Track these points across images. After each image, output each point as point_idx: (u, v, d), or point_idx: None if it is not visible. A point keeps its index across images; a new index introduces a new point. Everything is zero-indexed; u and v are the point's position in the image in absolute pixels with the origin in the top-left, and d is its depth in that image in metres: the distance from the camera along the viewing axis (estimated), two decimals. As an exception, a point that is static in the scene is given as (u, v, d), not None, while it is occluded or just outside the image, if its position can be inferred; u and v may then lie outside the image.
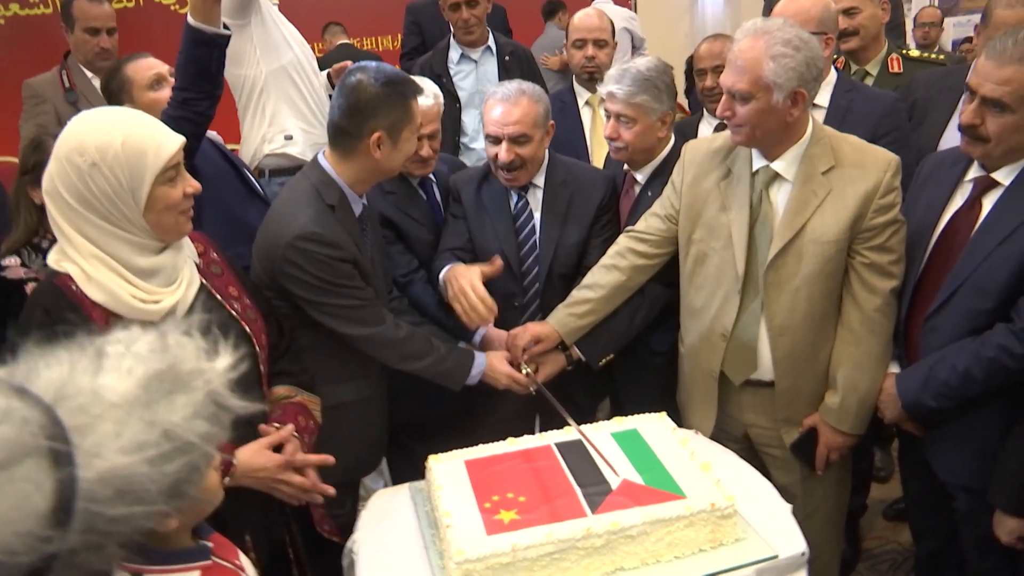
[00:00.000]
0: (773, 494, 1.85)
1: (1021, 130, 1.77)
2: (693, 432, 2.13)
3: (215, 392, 0.86)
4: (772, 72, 1.85)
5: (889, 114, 2.45)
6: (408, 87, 2.01)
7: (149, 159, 1.47)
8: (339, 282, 1.96)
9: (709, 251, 2.09)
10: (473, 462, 1.87)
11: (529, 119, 2.26)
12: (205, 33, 2.22)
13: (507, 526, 1.61)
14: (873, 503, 3.04)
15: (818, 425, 2.06)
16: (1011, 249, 1.78)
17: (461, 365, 2.17)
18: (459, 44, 3.48)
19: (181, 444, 0.81)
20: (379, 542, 1.78)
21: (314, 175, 2.05)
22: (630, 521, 1.59)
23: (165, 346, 0.86)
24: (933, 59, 3.07)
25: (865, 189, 1.91)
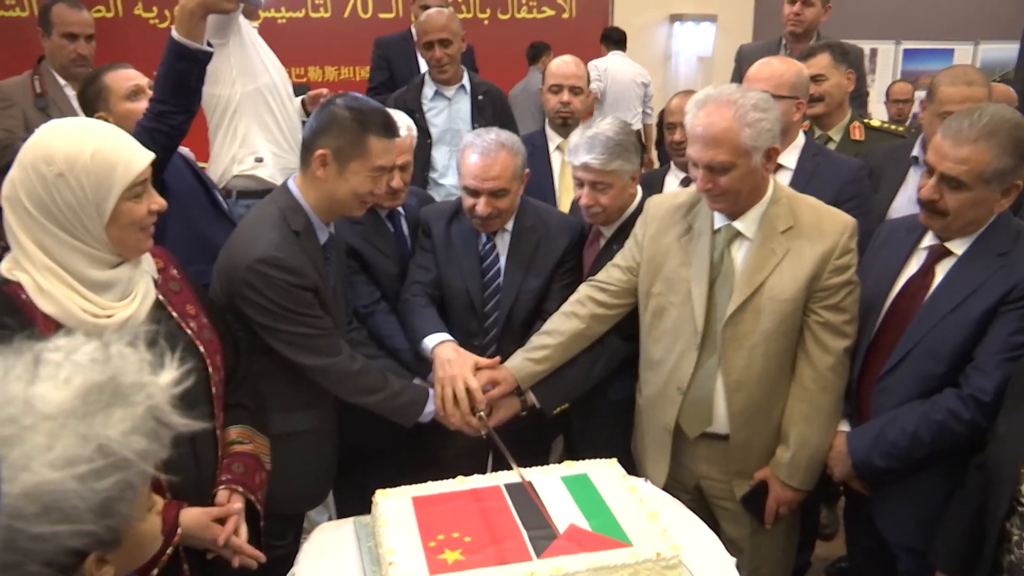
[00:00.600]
0: (718, 546, 1.85)
1: (977, 206, 1.85)
2: (643, 480, 2.12)
3: (156, 407, 0.83)
4: (751, 138, 1.89)
5: (853, 180, 2.52)
6: (371, 120, 1.98)
7: (118, 173, 1.45)
8: (297, 310, 1.94)
9: (667, 305, 2.11)
10: (421, 499, 1.84)
11: (508, 173, 2.27)
12: (188, 48, 2.23)
13: (451, 566, 1.59)
14: (817, 560, 3.05)
15: (768, 479, 2.08)
16: (962, 317, 1.85)
17: (414, 403, 2.16)
18: (434, 81, 3.52)
19: (116, 460, 0.77)
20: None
21: (282, 200, 2.04)
22: (575, 567, 1.57)
23: (107, 356, 0.82)
24: (893, 130, 3.18)
25: (822, 250, 1.96)
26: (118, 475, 0.78)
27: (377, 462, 2.35)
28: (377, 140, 1.98)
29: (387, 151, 2.02)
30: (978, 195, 1.83)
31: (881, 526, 2.04)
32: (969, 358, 1.85)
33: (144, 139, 2.24)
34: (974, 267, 1.87)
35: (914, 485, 1.94)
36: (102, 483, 0.76)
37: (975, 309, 1.84)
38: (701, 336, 2.04)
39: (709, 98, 1.93)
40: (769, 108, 1.92)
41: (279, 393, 1.98)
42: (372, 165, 1.99)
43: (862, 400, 2.04)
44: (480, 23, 7.55)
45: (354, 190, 2.00)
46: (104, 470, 0.76)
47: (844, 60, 3.07)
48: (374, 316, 2.36)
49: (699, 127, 1.92)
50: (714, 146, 1.90)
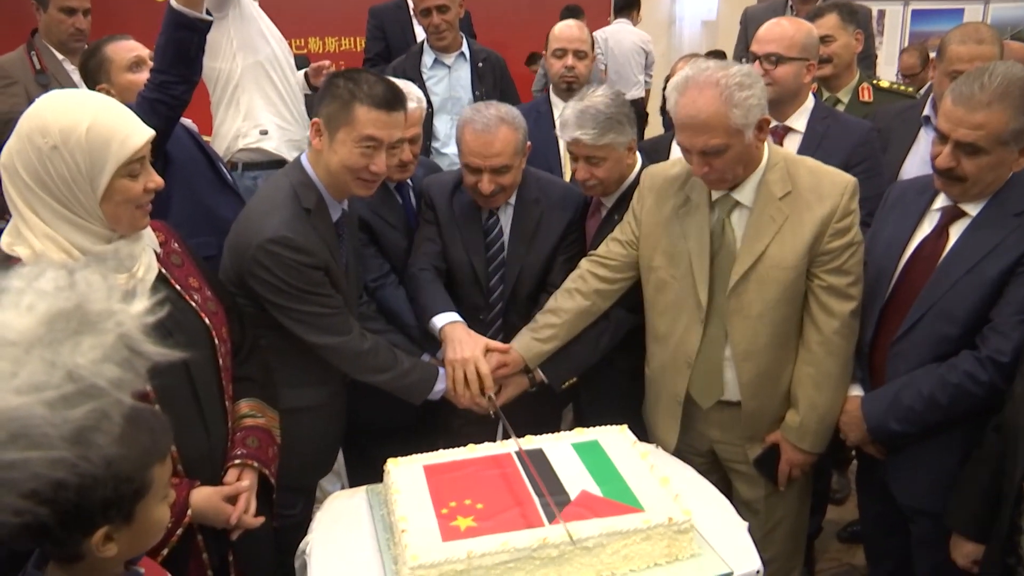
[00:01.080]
0: (730, 511, 1.86)
1: (996, 167, 1.81)
2: (653, 446, 2.13)
3: (127, 335, 0.80)
4: (741, 117, 1.84)
5: (864, 143, 2.49)
6: (362, 90, 1.92)
7: (113, 149, 1.42)
8: (307, 288, 1.93)
9: (669, 279, 2.09)
10: (432, 467, 1.85)
11: (510, 149, 2.22)
12: (187, 16, 2.20)
13: (463, 533, 1.59)
14: (828, 525, 3.06)
15: (780, 442, 2.07)
16: (978, 278, 1.82)
17: (424, 380, 2.15)
18: (432, 49, 3.47)
19: (86, 388, 0.75)
20: (333, 545, 1.75)
21: (294, 175, 2.01)
22: (587, 532, 1.58)
23: (72, 284, 0.80)
24: (902, 90, 3.14)
25: (822, 214, 1.93)
26: (91, 403, 0.76)
27: (387, 432, 2.35)
28: (365, 109, 1.92)
29: (376, 122, 1.93)
30: (996, 157, 1.79)
31: (896, 490, 2.03)
32: (985, 320, 1.83)
33: (146, 109, 2.24)
34: (989, 228, 1.84)
35: (929, 449, 1.93)
36: (74, 411, 0.74)
37: (991, 270, 1.81)
38: (706, 309, 2.02)
39: (690, 80, 1.87)
40: (754, 82, 1.87)
41: (288, 368, 1.98)
42: (359, 134, 1.92)
43: (876, 363, 2.02)
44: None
45: (343, 162, 1.95)
46: (74, 397, 0.74)
47: (852, 20, 3.02)
48: (383, 290, 2.34)
49: (685, 114, 1.87)
50: (705, 132, 1.85)
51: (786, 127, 2.58)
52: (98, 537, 1.04)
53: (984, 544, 1.76)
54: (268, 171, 3.02)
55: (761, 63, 2.52)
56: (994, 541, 1.71)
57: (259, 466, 1.72)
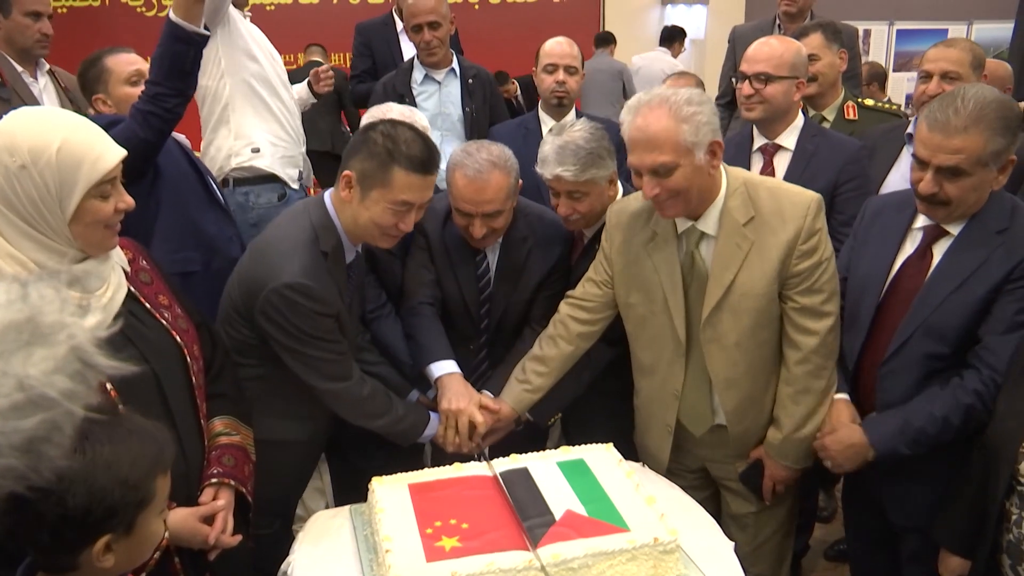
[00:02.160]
0: (716, 530, 1.85)
1: (978, 188, 1.82)
2: (640, 465, 2.12)
3: (80, 348, 0.80)
4: (690, 133, 1.82)
5: (853, 161, 2.51)
6: (401, 152, 1.88)
7: (84, 170, 1.38)
8: (318, 335, 1.91)
9: (647, 314, 2.08)
10: (417, 486, 1.83)
11: (502, 195, 2.15)
12: (184, 30, 2.21)
13: (448, 553, 1.58)
14: (815, 543, 3.06)
15: (763, 458, 2.07)
16: (965, 297, 1.83)
17: (415, 426, 2.14)
18: (423, 65, 3.48)
19: (37, 398, 0.76)
20: (315, 565, 1.73)
21: (316, 215, 1.97)
22: (572, 553, 1.56)
23: (24, 296, 0.80)
24: (887, 109, 3.16)
25: (786, 238, 1.90)
26: (41, 414, 0.76)
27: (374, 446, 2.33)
28: (404, 173, 1.88)
29: (413, 187, 1.90)
30: (977, 179, 1.80)
31: (889, 508, 2.04)
32: (975, 338, 1.83)
33: (139, 121, 2.25)
34: (973, 246, 1.85)
35: (921, 467, 1.93)
36: (25, 421, 0.74)
37: (979, 289, 1.82)
38: (685, 343, 2.02)
39: (641, 103, 1.87)
40: (703, 102, 1.86)
41: (278, 399, 1.96)
42: (394, 198, 1.89)
43: (864, 382, 2.02)
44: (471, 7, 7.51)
45: (374, 220, 1.92)
46: (25, 407, 0.75)
47: (836, 40, 3.05)
48: (379, 322, 2.32)
49: (636, 132, 1.86)
50: (654, 148, 1.84)
51: (776, 145, 2.60)
52: (99, 546, 1.05)
53: (971, 560, 1.75)
54: (259, 186, 3.02)
55: (751, 82, 2.54)
56: (979, 558, 1.71)
57: (236, 484, 1.70)
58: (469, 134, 3.48)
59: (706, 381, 2.05)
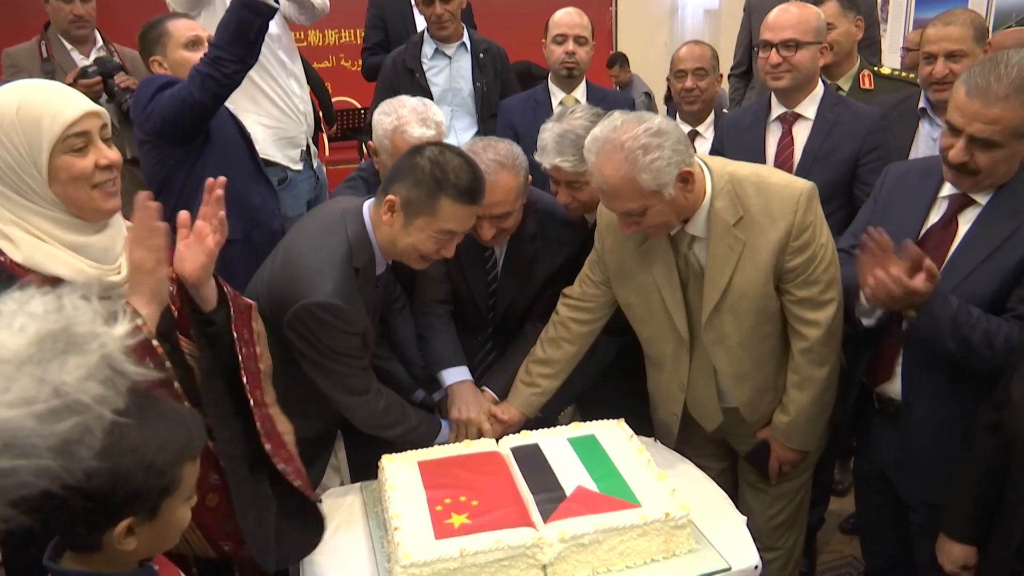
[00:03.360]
0: (728, 505, 1.84)
1: (1009, 160, 1.76)
2: (652, 440, 2.11)
3: (110, 356, 0.85)
4: (651, 181, 1.74)
5: (876, 130, 2.45)
6: (449, 182, 1.83)
7: (45, 124, 1.36)
8: (343, 352, 1.89)
9: (646, 314, 2.05)
10: (427, 463, 1.83)
11: (511, 196, 2.09)
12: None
13: (457, 530, 1.58)
14: (830, 516, 3.04)
15: (770, 439, 2.06)
16: (995, 266, 1.77)
17: (427, 435, 2.12)
18: (433, 39, 3.44)
19: (71, 403, 0.80)
20: (327, 542, 1.74)
21: (352, 228, 1.91)
22: (582, 529, 1.56)
23: (60, 307, 0.85)
24: (904, 77, 3.09)
25: (777, 236, 1.85)
26: (75, 418, 0.81)
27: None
28: (451, 203, 1.84)
29: (459, 216, 1.87)
30: (1010, 150, 1.73)
31: (897, 481, 2.01)
32: (1001, 308, 1.78)
33: (196, 82, 2.31)
34: (1002, 215, 1.79)
35: (930, 440, 1.90)
36: (60, 425, 0.79)
37: (1008, 259, 1.75)
38: (688, 341, 2.01)
39: (597, 143, 1.78)
40: (663, 141, 1.74)
41: (288, 397, 1.96)
42: (439, 227, 1.86)
43: (887, 350, 1.97)
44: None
45: (416, 246, 1.89)
46: (61, 411, 0.80)
47: (852, 7, 2.98)
48: (392, 315, 2.31)
49: (597, 179, 1.80)
50: (618, 197, 1.79)
51: (796, 114, 2.55)
52: (120, 529, 1.06)
53: (974, 546, 1.71)
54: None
55: (778, 50, 2.49)
56: (1000, 549, 1.66)
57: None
58: (480, 109, 3.45)
59: (711, 376, 2.04)
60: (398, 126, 2.25)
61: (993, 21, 5.97)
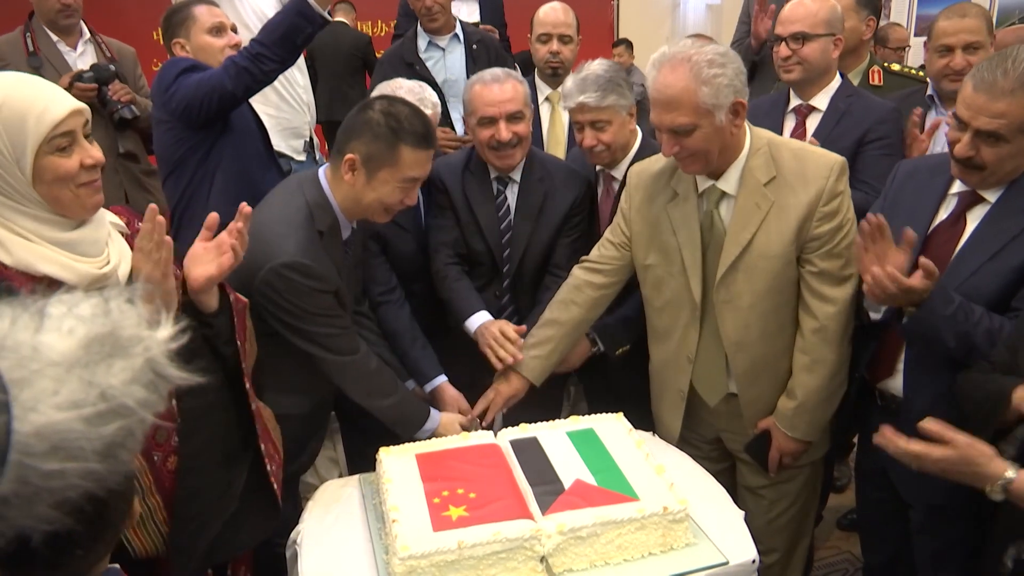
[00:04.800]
0: (727, 500, 1.83)
1: (1016, 156, 1.75)
2: (650, 434, 2.11)
3: (154, 360, 0.85)
4: (710, 96, 1.79)
5: (883, 121, 2.44)
6: (405, 129, 1.90)
7: (30, 125, 1.32)
8: (319, 312, 1.90)
9: (665, 275, 2.06)
10: (424, 456, 1.83)
11: (521, 96, 2.30)
12: (312, 8, 2.27)
13: (455, 523, 1.57)
14: (828, 513, 3.05)
15: (771, 429, 2.05)
16: (1001, 265, 1.76)
17: (418, 414, 2.11)
18: (425, 32, 3.42)
19: (117, 406, 0.81)
20: (324, 534, 1.74)
21: (311, 193, 1.96)
22: (580, 522, 1.56)
23: (107, 311, 0.85)
24: (913, 74, 3.08)
25: (807, 199, 1.88)
26: (120, 421, 0.81)
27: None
28: (410, 151, 1.91)
29: (419, 163, 1.94)
30: (1016, 146, 1.73)
31: (896, 479, 2.00)
32: (1007, 307, 1.77)
33: (231, 73, 2.34)
34: (1011, 214, 1.78)
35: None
36: (106, 428, 0.80)
37: (1014, 258, 1.75)
38: (700, 304, 2.00)
39: (664, 57, 1.84)
40: (727, 62, 1.82)
41: (276, 374, 1.95)
42: (403, 176, 1.92)
43: (890, 344, 1.96)
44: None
45: (381, 199, 1.94)
46: (107, 415, 0.80)
47: (868, 6, 2.96)
48: (387, 307, 2.33)
49: (656, 91, 1.85)
50: (673, 109, 1.82)
51: (810, 106, 2.55)
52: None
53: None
54: None
55: (787, 43, 2.49)
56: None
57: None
58: None
59: (720, 346, 2.02)
60: None
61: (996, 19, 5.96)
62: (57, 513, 0.78)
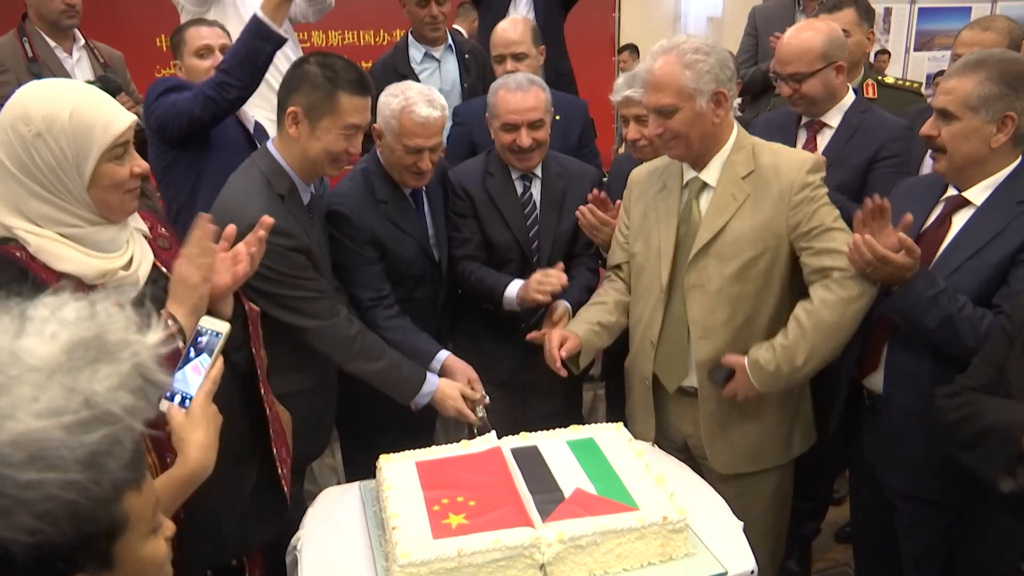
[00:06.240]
0: (725, 511, 1.83)
1: (970, 137, 1.85)
2: (649, 444, 2.12)
3: (142, 365, 0.83)
4: (691, 79, 1.93)
5: (896, 139, 2.46)
6: (342, 78, 1.97)
7: (97, 134, 1.41)
8: (292, 273, 1.94)
9: (644, 262, 2.17)
10: (424, 463, 1.83)
11: (542, 105, 2.42)
12: (268, 27, 2.34)
13: (454, 530, 1.58)
14: (826, 526, 3.04)
15: (738, 369, 2.01)
16: (981, 263, 1.83)
17: (413, 379, 2.15)
18: (421, 43, 3.42)
19: (101, 414, 0.78)
20: (324, 541, 1.74)
21: (264, 163, 2.04)
22: (580, 531, 1.56)
23: (93, 314, 0.83)
24: (907, 87, 3.11)
25: (779, 189, 1.97)
26: (105, 429, 0.78)
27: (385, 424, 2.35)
28: (348, 97, 1.99)
29: (358, 109, 2.01)
30: (967, 125, 1.84)
31: (881, 475, 2.05)
32: (988, 305, 1.82)
33: (199, 101, 2.40)
34: (993, 215, 1.86)
35: (913, 432, 1.93)
36: (89, 436, 0.77)
37: (993, 256, 1.82)
38: (666, 286, 2.08)
39: (659, 48, 2.00)
40: (711, 52, 1.96)
41: (275, 355, 1.96)
42: (344, 123, 1.99)
43: (875, 342, 2.01)
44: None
45: (326, 148, 2.01)
46: (90, 423, 0.77)
47: (868, 19, 3.01)
48: (375, 311, 2.33)
49: (647, 74, 2.01)
50: (658, 90, 1.97)
51: (821, 123, 2.58)
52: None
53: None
54: None
55: (787, 83, 2.52)
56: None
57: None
58: None
59: (682, 329, 2.08)
60: (406, 106, 2.28)
61: None
62: (39, 523, 0.75)
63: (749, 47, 3.98)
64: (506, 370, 2.50)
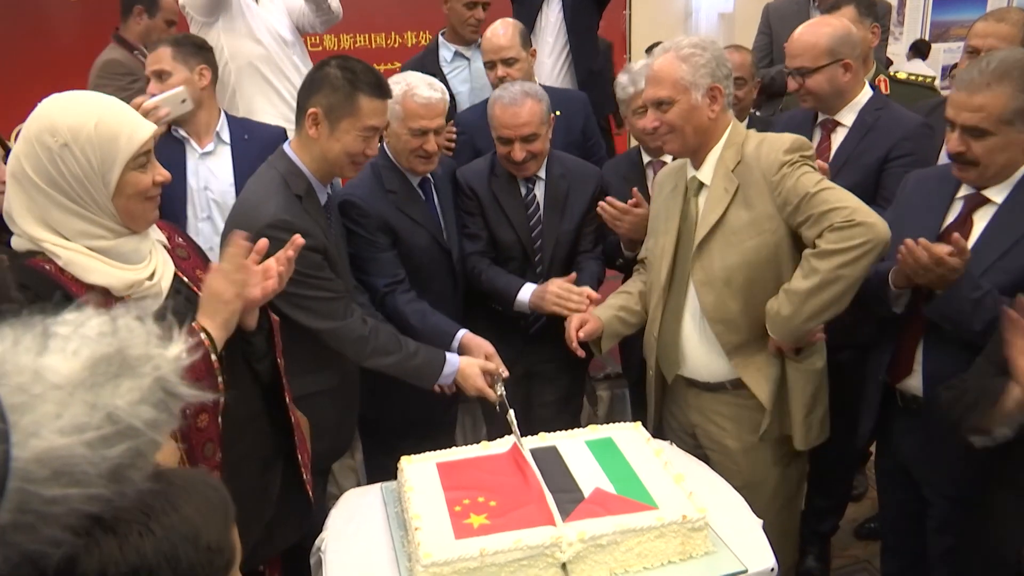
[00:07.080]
0: (744, 508, 1.84)
1: (1007, 148, 1.82)
2: (668, 443, 2.13)
3: (164, 379, 0.83)
4: (687, 72, 2.00)
5: (910, 137, 2.41)
6: (362, 80, 2.01)
7: (122, 143, 1.44)
8: (308, 272, 1.96)
9: (653, 260, 2.25)
10: (445, 464, 1.85)
11: (536, 118, 2.43)
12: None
13: (476, 530, 1.60)
14: (845, 523, 3.04)
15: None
16: (1012, 263, 1.82)
17: (431, 363, 2.16)
18: (452, 43, 3.45)
19: (124, 428, 0.78)
20: (348, 542, 1.77)
21: (281, 165, 2.07)
22: (601, 530, 1.58)
23: (115, 329, 0.83)
24: (921, 82, 3.09)
25: (761, 173, 2.00)
26: (127, 443, 0.79)
27: (407, 425, 2.38)
28: (368, 100, 2.02)
29: (377, 111, 2.05)
30: (1003, 138, 1.81)
31: (918, 475, 2.04)
32: None
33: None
34: (1017, 214, 1.84)
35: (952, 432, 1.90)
36: (112, 450, 0.77)
37: (1022, 256, 1.80)
38: (664, 282, 2.16)
39: (661, 48, 2.08)
40: (707, 48, 2.03)
41: (295, 355, 1.99)
42: (363, 124, 2.03)
43: (907, 347, 2.00)
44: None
45: (346, 150, 2.04)
46: (113, 437, 0.78)
47: (870, 14, 2.99)
48: (392, 296, 2.36)
49: (648, 69, 2.10)
50: (656, 83, 2.04)
51: (835, 121, 2.55)
52: None
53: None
54: None
55: (794, 77, 2.52)
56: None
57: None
58: None
59: (678, 323, 2.17)
60: (408, 90, 2.33)
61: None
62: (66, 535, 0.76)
63: (764, 45, 3.96)
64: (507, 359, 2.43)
